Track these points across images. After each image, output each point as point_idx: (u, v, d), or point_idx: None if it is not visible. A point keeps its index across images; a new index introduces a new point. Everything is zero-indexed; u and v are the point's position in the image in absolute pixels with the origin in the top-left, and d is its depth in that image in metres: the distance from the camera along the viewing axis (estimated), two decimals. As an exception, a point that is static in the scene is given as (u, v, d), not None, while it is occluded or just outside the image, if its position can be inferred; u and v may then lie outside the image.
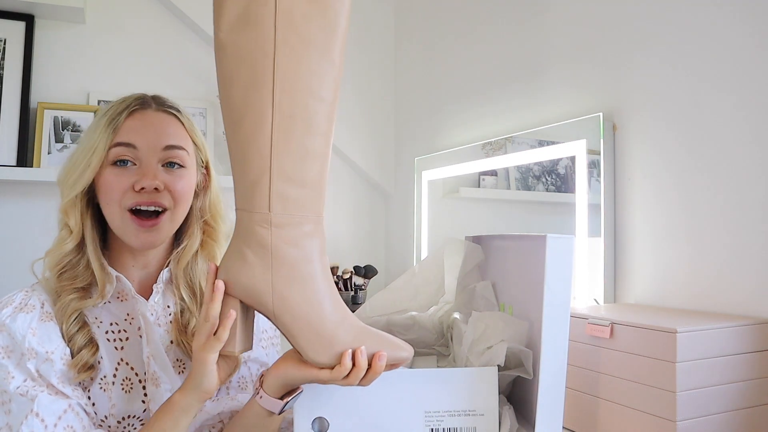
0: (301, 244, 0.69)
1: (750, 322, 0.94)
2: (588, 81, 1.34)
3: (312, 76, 0.66)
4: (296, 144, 0.66)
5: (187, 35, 2.00)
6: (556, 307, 0.75)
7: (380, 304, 1.04)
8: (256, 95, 0.65)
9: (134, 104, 0.85)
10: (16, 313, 0.79)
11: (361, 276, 1.99)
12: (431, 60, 2.00)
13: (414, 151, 2.05)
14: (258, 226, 0.68)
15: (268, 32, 0.64)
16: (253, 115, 0.66)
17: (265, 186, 0.67)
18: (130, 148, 0.82)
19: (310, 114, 0.66)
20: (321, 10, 0.65)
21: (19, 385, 0.76)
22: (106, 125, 0.83)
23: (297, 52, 0.65)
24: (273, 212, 0.68)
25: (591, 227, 1.26)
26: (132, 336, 0.86)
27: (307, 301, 0.69)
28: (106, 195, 0.83)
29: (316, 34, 0.65)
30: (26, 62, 1.76)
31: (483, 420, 0.77)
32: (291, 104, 0.66)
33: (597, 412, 0.98)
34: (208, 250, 0.91)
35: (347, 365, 0.67)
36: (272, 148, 0.66)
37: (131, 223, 0.82)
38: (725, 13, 1.06)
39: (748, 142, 1.02)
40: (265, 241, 0.68)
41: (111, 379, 0.83)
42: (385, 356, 0.68)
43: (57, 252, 0.83)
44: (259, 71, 0.65)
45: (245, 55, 0.66)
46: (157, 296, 0.88)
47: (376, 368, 0.68)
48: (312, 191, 0.69)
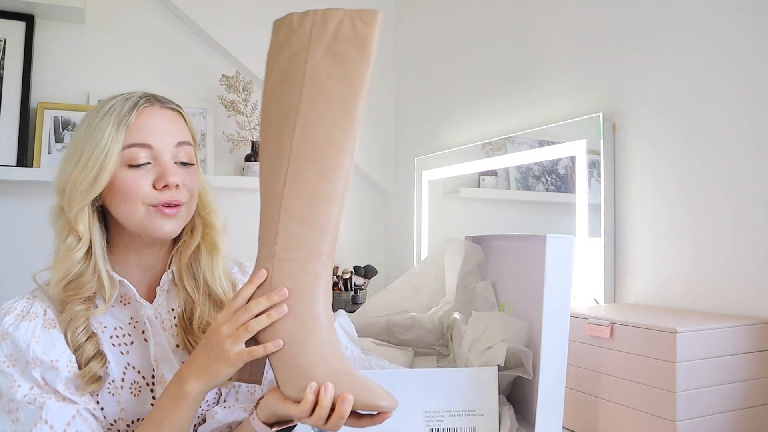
0: (298, 278, 0.71)
1: (750, 322, 0.94)
2: (588, 81, 1.34)
3: (332, 127, 0.72)
4: (307, 186, 0.72)
5: (187, 35, 2.00)
6: (556, 307, 0.75)
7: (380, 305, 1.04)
8: (278, 143, 0.73)
9: (142, 102, 0.83)
10: (18, 321, 0.78)
11: (361, 276, 1.99)
12: (431, 60, 2.00)
13: (414, 151, 2.05)
14: (264, 259, 0.73)
15: (295, 89, 0.73)
16: (274, 160, 0.73)
17: (274, 222, 0.72)
18: (145, 148, 0.82)
19: (323, 159, 0.72)
20: (345, 70, 0.72)
21: (26, 393, 0.76)
22: (116, 125, 0.80)
23: (319, 105, 0.72)
24: (277, 246, 0.72)
25: (591, 227, 1.26)
26: (137, 340, 0.86)
27: (292, 333, 0.70)
28: (124, 195, 0.81)
29: (339, 90, 0.72)
30: (26, 62, 1.76)
31: (483, 420, 0.77)
32: (306, 150, 0.72)
33: (597, 412, 0.99)
34: (208, 241, 0.91)
35: (309, 399, 0.66)
36: (284, 188, 0.72)
37: (155, 213, 0.82)
38: (726, 13, 1.06)
39: (749, 142, 1.02)
40: (268, 274, 0.72)
41: (119, 383, 0.83)
42: (350, 399, 0.65)
43: (66, 262, 0.80)
44: (283, 122, 0.73)
45: (276, 111, 0.74)
46: (160, 299, 0.88)
47: (339, 411, 0.65)
48: (319, 231, 0.72)
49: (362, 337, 0.97)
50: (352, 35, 0.73)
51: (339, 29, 0.73)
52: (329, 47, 0.73)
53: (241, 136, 1.97)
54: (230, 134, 1.97)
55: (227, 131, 1.99)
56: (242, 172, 2.01)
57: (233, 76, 1.94)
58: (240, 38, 2.00)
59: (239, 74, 1.96)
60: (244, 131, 1.97)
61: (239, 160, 2.04)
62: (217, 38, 1.97)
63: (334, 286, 1.98)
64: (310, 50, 0.73)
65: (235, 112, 1.95)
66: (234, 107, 1.94)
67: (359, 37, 0.73)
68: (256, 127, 1.98)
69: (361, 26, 0.73)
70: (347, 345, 0.88)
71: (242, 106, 1.95)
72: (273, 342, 0.70)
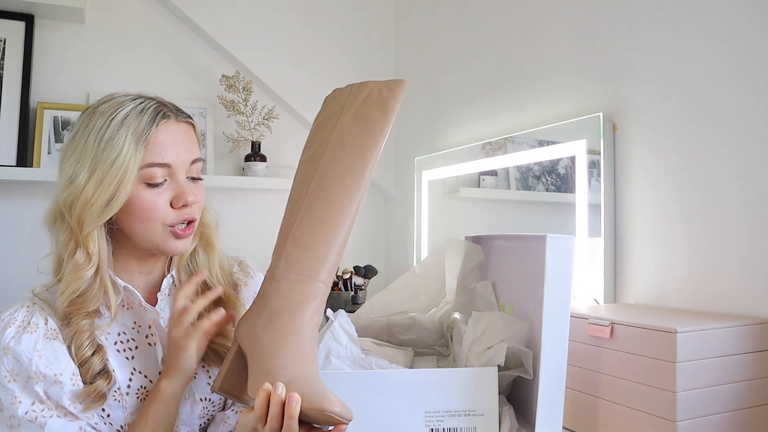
0: (288, 296, 0.75)
1: (750, 322, 0.94)
2: (588, 81, 1.34)
3: (343, 170, 0.80)
4: (314, 218, 0.78)
5: (187, 35, 2.00)
6: (556, 307, 0.75)
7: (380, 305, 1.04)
8: (300, 186, 0.82)
9: (159, 117, 0.81)
10: (20, 334, 0.77)
11: (361, 276, 1.99)
12: (431, 60, 2.00)
13: (414, 151, 2.05)
14: (266, 280, 0.79)
15: (322, 145, 0.83)
16: (295, 201, 0.81)
17: (281, 249, 0.79)
18: (164, 168, 0.81)
19: (331, 196, 0.79)
20: (365, 126, 0.81)
21: (27, 410, 0.75)
22: (134, 142, 0.77)
23: (337, 153, 0.81)
24: (278, 269, 0.78)
25: (591, 227, 1.26)
26: (141, 344, 0.86)
27: (272, 344, 0.73)
28: (143, 215, 0.80)
29: (356, 141, 0.81)
30: (26, 62, 1.76)
31: (483, 420, 0.77)
32: (318, 189, 0.80)
33: (597, 412, 0.98)
34: (203, 240, 0.92)
35: (260, 396, 0.67)
36: (295, 221, 0.79)
37: (171, 235, 0.83)
38: (726, 13, 1.06)
39: (749, 142, 1.02)
40: (265, 291, 0.78)
41: (125, 390, 0.83)
42: (296, 398, 0.66)
43: (76, 281, 0.79)
44: (308, 168, 0.82)
45: (307, 159, 0.84)
46: (162, 303, 0.88)
47: (288, 410, 0.66)
48: (317, 257, 0.77)
49: (362, 337, 0.97)
50: (377, 99, 0.82)
51: (368, 96, 0.83)
52: (357, 110, 0.83)
53: (241, 136, 1.97)
54: (230, 134, 1.97)
55: (227, 131, 1.99)
56: (242, 172, 2.01)
57: (233, 76, 1.94)
58: (240, 38, 2.00)
59: (239, 74, 1.96)
60: (244, 131, 1.97)
61: (239, 160, 2.04)
62: (217, 38, 1.97)
63: (334, 286, 1.98)
64: (343, 113, 0.83)
65: (235, 112, 1.95)
66: (234, 107, 1.94)
67: (383, 100, 0.82)
68: (256, 127, 1.98)
69: (387, 93, 0.82)
70: (347, 345, 0.88)
71: (242, 106, 1.95)
72: (216, 311, 0.83)
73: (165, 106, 0.84)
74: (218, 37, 1.97)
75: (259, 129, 1.98)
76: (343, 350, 0.87)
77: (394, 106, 0.81)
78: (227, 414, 0.89)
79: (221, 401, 0.92)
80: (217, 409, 0.91)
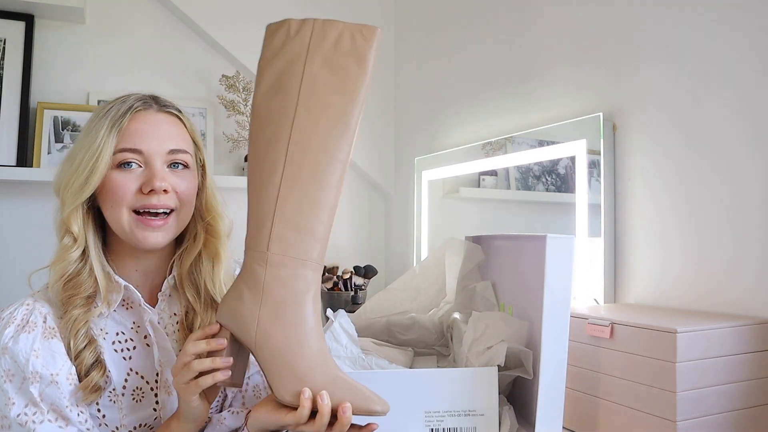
0: (290, 285, 0.73)
1: (750, 322, 0.94)
2: (588, 81, 1.34)
3: (326, 136, 0.73)
4: (302, 193, 0.73)
5: (187, 35, 2.00)
6: (556, 307, 0.75)
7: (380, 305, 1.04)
8: (273, 148, 0.74)
9: (137, 105, 0.83)
10: (18, 333, 0.77)
11: (361, 276, 1.99)
12: (431, 60, 2.00)
13: (414, 151, 2.05)
14: (256, 264, 0.74)
15: (292, 97, 0.74)
16: (269, 165, 0.74)
17: (267, 228, 0.73)
18: (136, 153, 0.82)
19: (319, 168, 0.73)
20: (341, 82, 0.74)
21: (19, 413, 0.75)
22: (109, 128, 0.81)
23: (314, 113, 0.74)
24: (270, 251, 0.73)
25: (591, 227, 1.26)
26: (139, 345, 0.86)
27: (287, 339, 0.71)
28: (111, 197, 0.81)
29: (335, 101, 0.74)
30: (26, 62, 1.76)
31: (483, 420, 0.77)
32: (302, 157, 0.73)
33: (597, 412, 0.98)
34: (210, 249, 0.91)
35: (305, 404, 0.68)
36: (279, 194, 0.73)
37: (138, 224, 0.82)
38: (726, 14, 1.06)
39: (749, 142, 1.02)
40: (259, 277, 0.73)
41: (121, 390, 0.83)
42: (349, 408, 0.67)
43: (62, 262, 0.81)
44: (279, 128, 0.74)
45: (271, 117, 0.75)
46: (162, 304, 0.88)
47: (342, 420, 0.68)
48: (311, 239, 0.73)
49: (362, 337, 0.97)
50: (351, 48, 0.74)
51: (338, 41, 0.74)
52: (327, 58, 0.74)
53: (241, 136, 1.97)
54: (230, 134, 1.97)
55: (227, 131, 1.99)
56: (242, 172, 2.01)
57: (233, 76, 1.94)
58: (240, 38, 2.00)
59: (239, 74, 1.96)
60: (244, 131, 1.97)
61: (239, 160, 2.04)
62: (217, 38, 1.97)
63: (334, 286, 1.98)
64: (308, 59, 0.74)
65: (235, 112, 1.95)
66: (234, 107, 1.94)
67: (358, 51, 0.74)
68: (256, 127, 1.97)
69: (361, 41, 0.75)
70: (347, 345, 0.88)
71: (242, 106, 1.95)
72: (222, 371, 0.74)
73: (152, 98, 0.86)
74: (218, 37, 1.97)
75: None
76: (343, 350, 0.87)
77: (371, 58, 0.74)
78: (224, 415, 0.88)
79: (219, 403, 0.91)
80: (215, 411, 0.91)
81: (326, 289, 1.97)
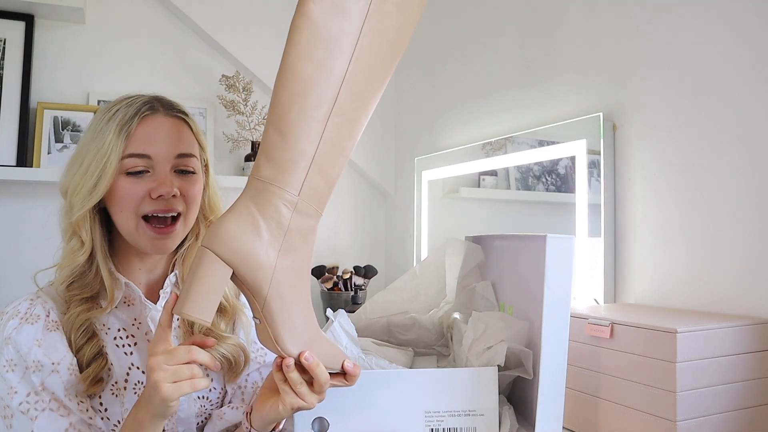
0: (307, 238, 0.70)
1: (750, 322, 0.94)
2: (588, 81, 1.34)
3: (371, 89, 0.69)
4: (337, 142, 0.68)
5: (187, 35, 2.00)
6: (556, 307, 0.75)
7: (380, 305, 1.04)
8: (323, 79, 0.66)
9: (144, 109, 0.83)
10: (21, 324, 0.79)
11: (361, 276, 1.99)
12: (431, 60, 2.00)
13: (414, 151, 2.05)
14: (282, 203, 0.67)
15: (356, 26, 0.66)
16: (316, 97, 0.66)
17: (303, 170, 0.67)
18: (144, 159, 0.82)
19: (355, 121, 0.69)
20: (405, 23, 0.71)
21: (21, 401, 0.76)
22: (117, 132, 0.81)
23: (379, 49, 0.68)
24: (302, 197, 0.67)
25: (591, 227, 1.26)
26: (140, 341, 0.86)
27: (297, 290, 0.69)
28: (120, 203, 0.82)
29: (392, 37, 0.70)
30: (26, 62, 1.76)
31: (483, 420, 0.77)
32: (348, 104, 0.68)
33: (597, 412, 0.98)
34: None
35: (290, 362, 0.67)
36: (322, 138, 0.67)
37: (147, 230, 0.82)
38: (725, 15, 1.06)
39: (749, 142, 1.02)
40: (285, 221, 0.67)
41: (122, 384, 0.83)
42: (326, 376, 0.69)
43: (69, 266, 0.82)
44: (334, 59, 0.66)
45: (327, 38, 0.65)
46: (163, 301, 0.88)
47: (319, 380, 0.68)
48: (329, 190, 0.70)
49: (362, 337, 0.97)
50: None
51: None
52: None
53: (241, 136, 1.97)
54: (230, 134, 1.97)
55: (227, 131, 1.99)
56: (242, 172, 2.01)
57: (233, 76, 1.94)
58: (240, 38, 2.00)
59: (239, 74, 1.96)
60: (244, 131, 1.97)
61: (239, 160, 2.04)
62: (217, 38, 1.97)
63: (334, 286, 1.98)
64: None
65: (235, 112, 1.95)
66: (234, 107, 1.94)
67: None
68: (256, 127, 1.98)
69: None
70: (347, 345, 0.88)
71: (242, 106, 1.95)
72: (204, 378, 0.70)
73: (158, 101, 0.86)
74: (218, 37, 1.97)
75: (259, 129, 1.98)
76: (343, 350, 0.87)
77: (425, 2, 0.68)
78: (224, 411, 0.89)
79: (219, 399, 0.92)
80: (215, 407, 0.91)
81: (326, 289, 1.97)
